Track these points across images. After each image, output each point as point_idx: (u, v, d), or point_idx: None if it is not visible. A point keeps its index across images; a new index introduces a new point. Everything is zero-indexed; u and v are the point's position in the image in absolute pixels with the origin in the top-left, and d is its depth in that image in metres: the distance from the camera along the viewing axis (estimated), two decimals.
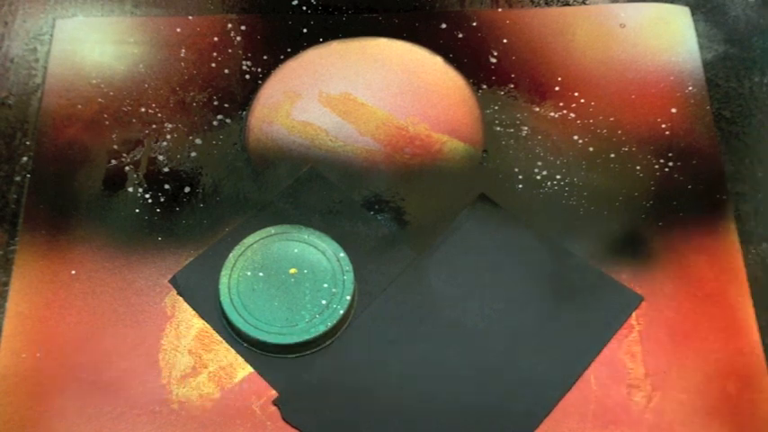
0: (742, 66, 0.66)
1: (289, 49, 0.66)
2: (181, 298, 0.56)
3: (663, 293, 0.56)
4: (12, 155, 0.61)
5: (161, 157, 0.61)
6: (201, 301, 0.55)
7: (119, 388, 0.52)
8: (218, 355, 0.54)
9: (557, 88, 0.65)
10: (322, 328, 0.53)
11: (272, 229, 0.57)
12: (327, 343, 0.54)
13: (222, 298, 0.54)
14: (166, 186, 0.60)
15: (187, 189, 0.60)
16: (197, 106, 0.64)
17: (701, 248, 0.58)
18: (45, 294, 0.56)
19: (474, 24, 0.68)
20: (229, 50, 0.66)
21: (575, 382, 0.53)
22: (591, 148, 0.62)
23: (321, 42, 0.67)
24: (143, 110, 0.63)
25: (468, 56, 0.66)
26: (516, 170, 0.61)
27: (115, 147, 0.62)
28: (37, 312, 0.55)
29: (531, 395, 0.52)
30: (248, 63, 0.66)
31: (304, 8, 0.69)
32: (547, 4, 0.69)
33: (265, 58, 0.66)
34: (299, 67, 0.65)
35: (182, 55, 0.66)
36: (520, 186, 0.61)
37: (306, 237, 0.57)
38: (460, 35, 0.67)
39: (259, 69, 0.65)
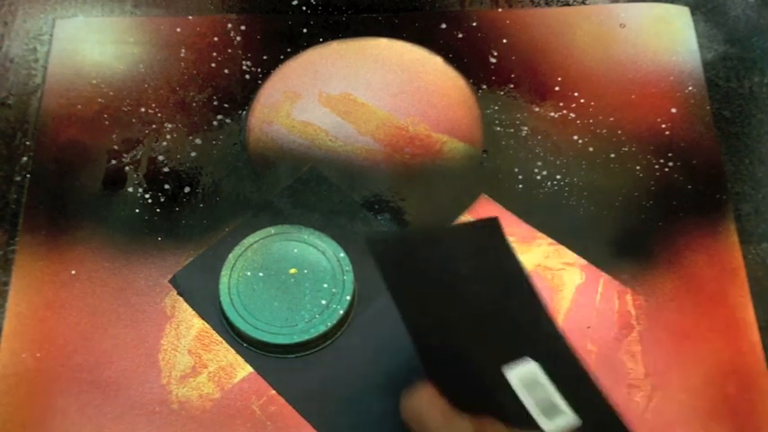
0: (742, 66, 0.66)
1: (289, 49, 0.66)
2: (181, 298, 0.56)
3: (663, 293, 0.56)
4: (12, 155, 0.61)
5: (161, 157, 0.61)
6: (201, 301, 0.55)
7: (119, 388, 0.52)
8: (218, 355, 0.54)
9: (557, 88, 0.65)
10: (322, 328, 0.53)
11: (271, 229, 0.57)
12: (327, 343, 0.54)
13: (222, 298, 0.54)
14: (166, 186, 0.60)
15: (187, 189, 0.60)
16: (197, 106, 0.64)
17: (700, 248, 0.58)
18: (45, 294, 0.56)
19: (474, 24, 0.68)
20: (229, 50, 0.66)
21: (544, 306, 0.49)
22: (591, 148, 0.62)
23: (321, 42, 0.67)
24: (143, 110, 0.63)
25: (468, 56, 0.66)
26: (516, 170, 0.61)
27: (115, 147, 0.62)
28: (37, 312, 0.55)
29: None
30: (248, 63, 0.66)
31: (304, 8, 0.69)
32: (547, 4, 0.69)
33: (265, 58, 0.66)
34: (299, 67, 0.65)
35: (182, 55, 0.66)
36: (520, 186, 0.61)
37: (306, 237, 0.57)
38: (460, 35, 0.67)
39: (259, 69, 0.65)
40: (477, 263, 0.50)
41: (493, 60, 0.66)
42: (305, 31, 0.67)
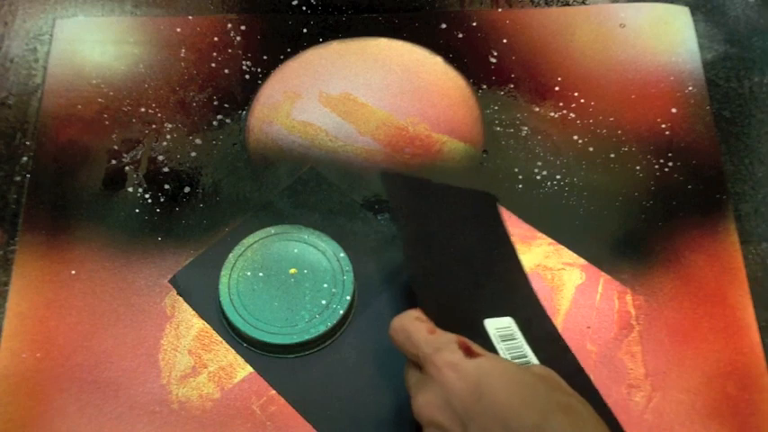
0: (742, 66, 0.66)
1: (289, 49, 0.66)
2: (181, 298, 0.56)
3: (663, 293, 0.56)
4: (12, 155, 0.61)
5: (161, 157, 0.61)
6: (201, 301, 0.55)
7: (119, 388, 0.52)
8: (218, 355, 0.54)
9: (557, 88, 0.65)
10: (322, 328, 0.53)
11: (271, 229, 0.57)
12: (327, 343, 0.54)
13: (222, 298, 0.54)
14: (166, 186, 0.60)
15: (187, 189, 0.60)
16: (197, 106, 0.64)
17: (700, 248, 0.58)
18: (45, 294, 0.56)
19: (474, 24, 0.68)
20: (229, 50, 0.66)
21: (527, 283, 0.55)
22: (591, 148, 0.62)
23: (321, 42, 0.67)
24: (143, 110, 0.63)
25: (468, 56, 0.66)
26: (516, 170, 0.61)
27: (115, 147, 0.62)
28: (37, 312, 0.55)
29: None
30: (248, 63, 0.66)
31: (304, 8, 0.69)
32: (547, 4, 0.69)
33: (265, 58, 0.66)
34: (299, 67, 0.65)
35: (182, 55, 0.66)
36: (520, 186, 0.61)
37: (306, 237, 0.57)
38: (460, 35, 0.67)
39: (259, 69, 0.65)
40: (474, 224, 0.56)
41: (493, 60, 0.66)
42: (305, 31, 0.67)
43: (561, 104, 0.64)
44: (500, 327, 0.49)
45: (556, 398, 0.40)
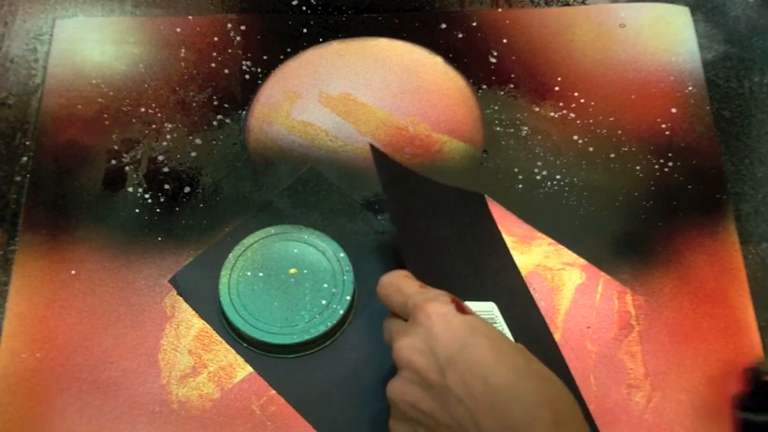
0: (742, 66, 0.66)
1: (289, 49, 0.66)
2: (181, 298, 0.56)
3: (663, 293, 0.56)
4: (12, 155, 0.61)
5: (161, 157, 0.61)
6: (201, 301, 0.55)
7: (119, 388, 0.52)
8: (218, 355, 0.54)
9: (557, 88, 0.65)
10: (322, 328, 0.53)
11: (271, 229, 0.57)
12: (327, 343, 0.54)
13: (222, 298, 0.54)
14: (166, 186, 0.60)
15: (187, 189, 0.60)
16: (197, 106, 0.64)
17: (700, 248, 0.58)
18: (45, 294, 0.56)
19: (474, 24, 0.68)
20: (229, 50, 0.66)
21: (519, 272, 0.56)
22: (591, 148, 0.62)
23: (321, 42, 0.67)
24: (143, 110, 0.63)
25: (468, 56, 0.66)
26: (516, 170, 0.61)
27: (115, 147, 0.62)
28: (37, 312, 0.55)
29: None
30: (248, 63, 0.66)
31: (304, 8, 0.69)
32: (547, 4, 0.69)
33: (265, 58, 0.66)
34: (299, 67, 0.65)
35: (182, 55, 0.66)
36: (520, 186, 0.61)
37: (306, 237, 0.57)
38: (460, 35, 0.67)
39: (259, 69, 0.65)
40: (459, 217, 0.57)
41: (493, 60, 0.66)
42: (305, 31, 0.67)
43: (561, 104, 0.64)
44: (480, 310, 0.49)
45: (533, 366, 0.42)
